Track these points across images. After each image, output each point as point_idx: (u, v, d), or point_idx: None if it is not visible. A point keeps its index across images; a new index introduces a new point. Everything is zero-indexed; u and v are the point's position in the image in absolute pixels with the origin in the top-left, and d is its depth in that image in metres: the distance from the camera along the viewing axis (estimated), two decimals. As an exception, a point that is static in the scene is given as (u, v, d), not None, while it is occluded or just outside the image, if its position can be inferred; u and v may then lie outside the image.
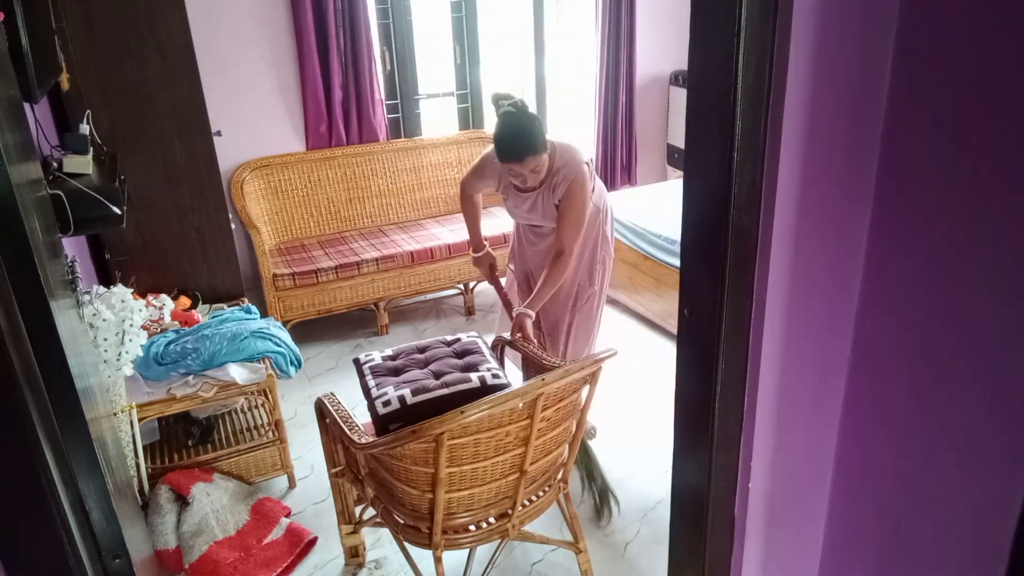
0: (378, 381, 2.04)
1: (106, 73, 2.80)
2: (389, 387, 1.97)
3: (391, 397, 1.92)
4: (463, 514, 1.92)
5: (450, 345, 2.23)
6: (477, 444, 1.76)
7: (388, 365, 2.14)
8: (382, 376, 2.08)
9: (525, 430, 1.81)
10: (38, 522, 1.02)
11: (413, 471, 1.79)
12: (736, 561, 1.38)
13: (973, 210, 0.98)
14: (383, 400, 1.93)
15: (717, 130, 1.08)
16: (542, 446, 1.91)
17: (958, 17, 0.96)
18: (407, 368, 2.11)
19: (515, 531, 2.01)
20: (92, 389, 1.39)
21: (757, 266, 1.13)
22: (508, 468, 1.88)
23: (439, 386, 1.95)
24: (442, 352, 2.19)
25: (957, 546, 1.12)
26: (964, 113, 0.97)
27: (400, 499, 1.92)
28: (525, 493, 1.97)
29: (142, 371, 2.51)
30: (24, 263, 0.98)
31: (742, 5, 0.98)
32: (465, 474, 1.81)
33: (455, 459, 1.76)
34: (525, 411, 1.77)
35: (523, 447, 1.84)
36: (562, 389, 1.83)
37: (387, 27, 4.23)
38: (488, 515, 1.97)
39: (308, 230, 4.17)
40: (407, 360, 2.16)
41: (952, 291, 1.04)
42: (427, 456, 1.73)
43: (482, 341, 2.25)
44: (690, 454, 1.37)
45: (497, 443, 1.79)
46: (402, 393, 1.92)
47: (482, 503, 1.93)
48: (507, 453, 1.83)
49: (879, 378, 1.20)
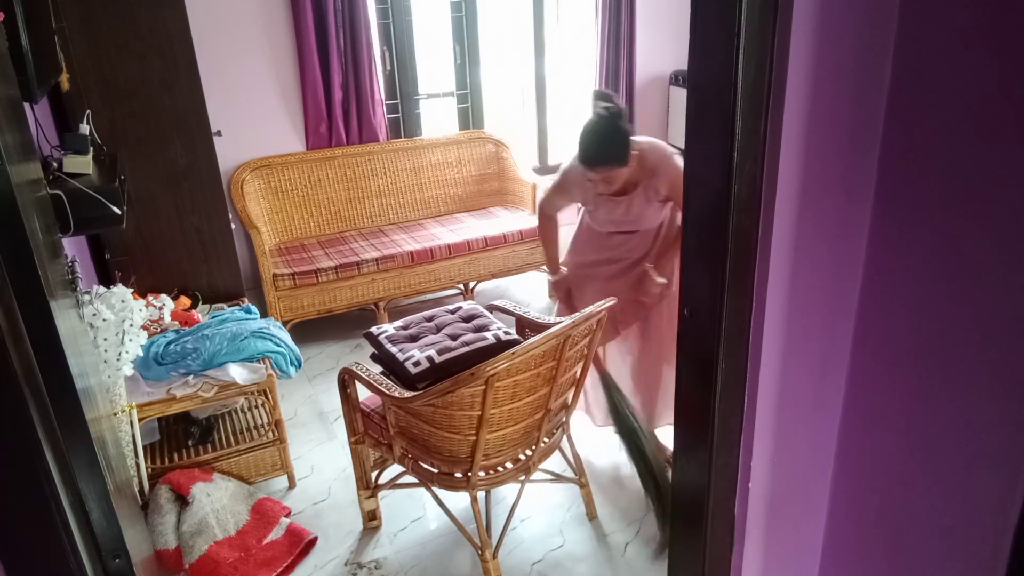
0: (400, 347, 2.20)
1: (106, 73, 2.80)
2: (414, 350, 2.13)
3: (419, 358, 2.08)
4: (496, 454, 2.13)
5: (454, 312, 2.40)
6: (515, 385, 1.98)
7: (403, 334, 2.30)
8: (402, 343, 2.23)
9: (552, 370, 2.03)
10: (38, 522, 1.02)
11: (457, 416, 1.97)
12: (736, 561, 1.38)
13: (973, 209, 0.99)
14: (412, 362, 2.08)
15: (717, 130, 1.08)
16: (561, 386, 2.13)
17: (958, 17, 0.96)
18: (423, 334, 2.28)
19: (534, 468, 2.23)
20: (92, 389, 1.39)
21: (757, 266, 1.13)
22: (535, 407, 2.10)
23: (460, 345, 2.12)
24: (450, 319, 2.36)
25: (957, 546, 1.12)
26: (964, 112, 0.97)
27: (438, 448, 2.09)
28: (545, 431, 2.21)
29: (142, 371, 2.51)
30: (24, 263, 0.98)
31: (742, 5, 0.98)
32: (504, 414, 2.03)
33: (498, 400, 1.97)
34: (554, 352, 1.98)
35: (549, 386, 2.06)
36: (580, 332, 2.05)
37: (387, 27, 4.23)
38: (515, 454, 2.18)
39: (308, 230, 4.17)
40: (419, 328, 2.33)
41: (952, 291, 1.04)
42: (474, 400, 1.92)
43: (482, 308, 2.40)
44: (690, 454, 1.37)
45: (530, 384, 2.01)
46: (429, 354, 2.09)
47: (511, 442, 2.14)
48: (536, 393, 2.05)
49: (879, 378, 1.20)
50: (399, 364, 2.11)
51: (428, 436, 2.08)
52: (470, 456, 2.05)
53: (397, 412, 2.12)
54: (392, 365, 2.16)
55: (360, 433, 2.33)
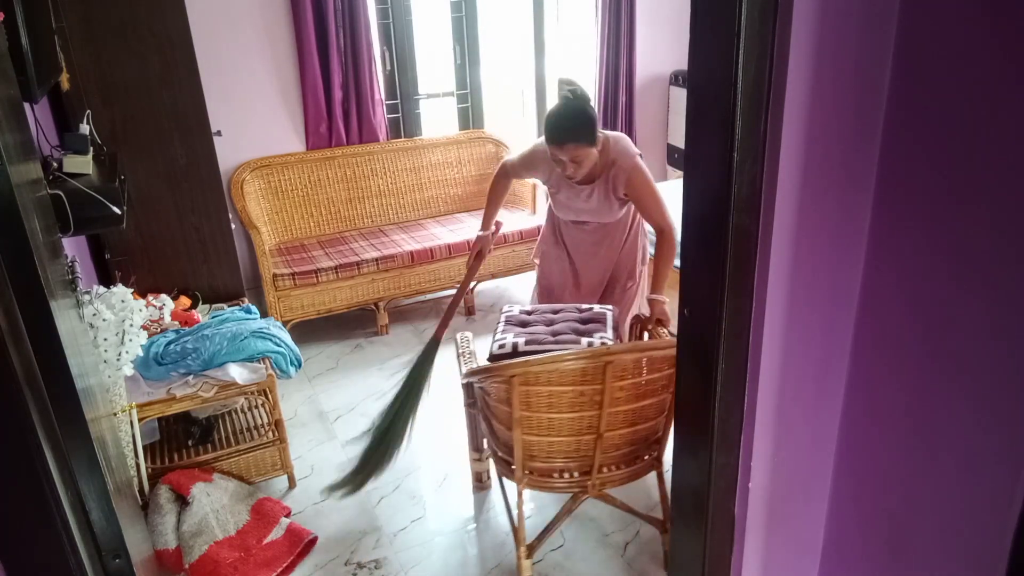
0: (505, 328, 2.33)
1: (106, 73, 2.80)
2: (510, 334, 2.26)
3: (507, 341, 2.21)
4: (543, 459, 2.12)
5: (582, 312, 2.42)
6: (551, 395, 1.96)
7: (521, 318, 2.41)
8: (511, 326, 2.34)
9: (599, 394, 1.95)
10: (38, 522, 1.02)
11: (498, 408, 2.06)
12: (736, 561, 1.38)
13: (974, 210, 0.99)
14: (500, 343, 2.22)
15: (717, 130, 1.08)
16: (621, 416, 2.03)
17: (957, 16, 0.96)
18: (535, 323, 2.36)
19: (594, 490, 2.16)
20: (92, 389, 1.39)
21: (757, 266, 1.13)
22: (584, 427, 2.03)
23: (551, 342, 2.19)
24: (570, 316, 2.39)
25: (957, 546, 1.12)
26: (964, 113, 0.97)
27: (496, 432, 2.18)
28: (606, 457, 2.12)
29: (142, 371, 2.51)
30: (24, 263, 0.98)
31: (742, 5, 0.98)
32: (541, 421, 2.02)
33: (531, 404, 1.97)
34: (597, 376, 1.90)
35: (597, 410, 1.98)
36: (634, 363, 1.95)
37: (387, 27, 4.23)
38: (570, 468, 2.14)
39: (308, 230, 4.17)
40: (538, 317, 2.41)
41: (952, 291, 1.04)
42: (507, 395, 1.95)
43: (612, 315, 2.39)
44: (690, 454, 1.38)
45: (572, 400, 1.97)
46: (516, 341, 2.20)
47: (561, 454, 2.10)
48: (581, 412, 1.99)
49: (879, 377, 1.20)
50: (493, 342, 2.24)
51: (490, 418, 2.19)
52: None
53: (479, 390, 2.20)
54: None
55: (473, 398, 2.40)
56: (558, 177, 2.48)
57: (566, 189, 2.51)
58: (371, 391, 3.37)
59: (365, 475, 2.57)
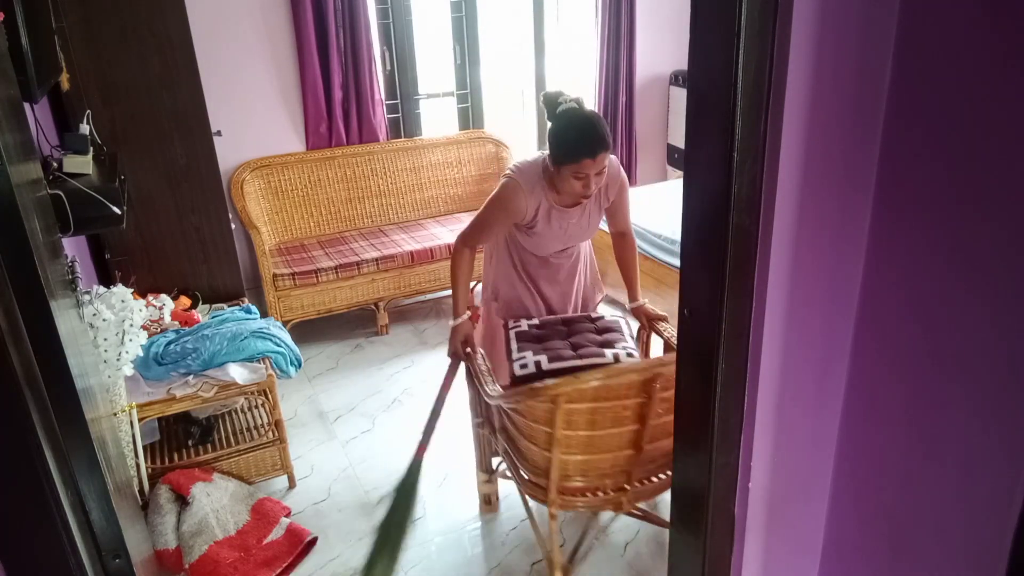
0: (520, 346, 2.18)
1: (106, 73, 2.80)
2: (528, 352, 2.12)
3: (528, 361, 2.08)
4: (578, 478, 2.02)
5: (594, 322, 2.32)
6: (594, 412, 1.87)
7: (533, 333, 2.26)
8: (525, 342, 2.21)
9: (643, 407, 1.87)
10: (38, 522, 1.02)
11: (535, 428, 1.93)
12: (736, 561, 1.38)
13: (974, 209, 0.98)
14: (521, 363, 2.08)
15: (717, 130, 1.08)
16: (662, 427, 1.95)
17: (958, 16, 0.96)
18: (549, 337, 2.23)
19: (628, 505, 2.08)
20: (92, 389, 1.39)
21: (757, 266, 1.13)
22: (625, 442, 1.95)
23: (574, 357, 2.07)
24: (584, 327, 2.28)
25: (957, 546, 1.12)
26: (965, 112, 0.97)
27: (524, 454, 2.06)
28: (643, 471, 2.05)
29: (142, 371, 2.51)
30: (24, 263, 0.98)
31: (742, 5, 0.98)
32: (581, 439, 1.92)
33: (572, 423, 1.86)
34: (643, 388, 1.83)
35: (640, 424, 1.90)
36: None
37: (387, 27, 4.23)
38: (604, 484, 2.05)
39: (308, 230, 4.17)
40: (551, 331, 2.27)
41: (953, 291, 1.04)
42: (547, 416, 1.85)
43: (625, 323, 2.30)
44: (690, 454, 1.37)
45: (615, 415, 1.88)
46: (539, 359, 2.07)
47: (598, 471, 2.02)
48: (624, 427, 1.91)
49: (880, 377, 1.20)
50: (510, 363, 2.12)
51: (517, 440, 2.06)
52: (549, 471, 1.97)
53: (497, 409, 2.11)
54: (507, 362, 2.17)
55: (483, 417, 2.32)
56: (547, 208, 2.18)
57: (557, 218, 2.20)
58: (371, 391, 3.37)
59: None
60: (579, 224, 2.26)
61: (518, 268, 2.36)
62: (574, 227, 2.26)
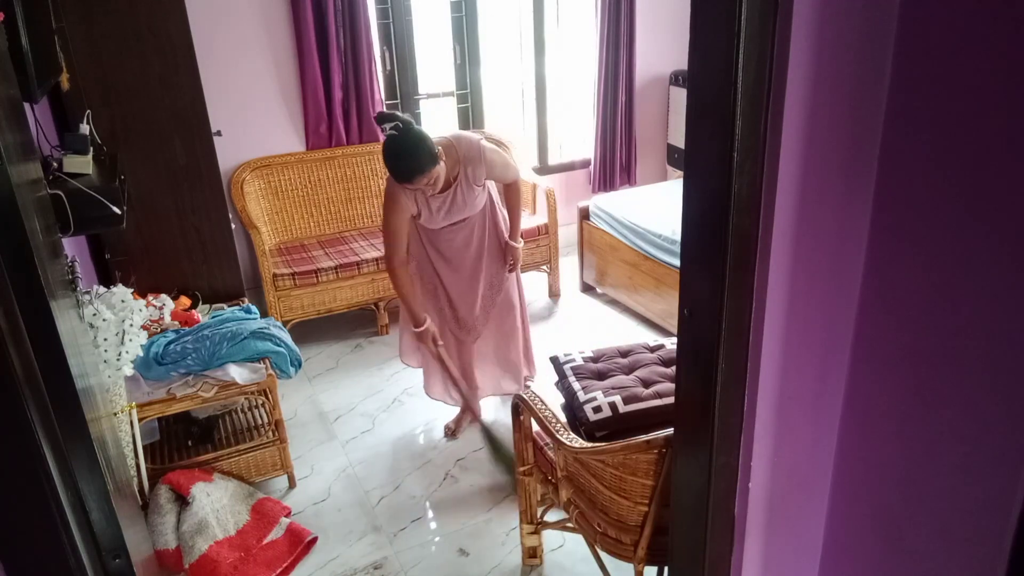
0: (584, 384, 2.00)
1: (106, 73, 2.80)
2: (598, 392, 1.93)
3: (602, 403, 1.88)
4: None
5: (654, 351, 2.16)
6: None
7: (591, 368, 2.10)
8: (587, 379, 2.02)
9: None
10: (38, 522, 1.02)
11: (629, 481, 1.74)
12: (736, 561, 1.38)
13: (974, 209, 0.99)
14: (593, 406, 1.89)
15: (717, 130, 1.08)
16: None
17: (957, 17, 0.96)
18: (611, 372, 2.06)
19: None
20: (92, 389, 1.39)
21: (757, 266, 1.13)
22: None
23: (651, 396, 1.89)
24: (647, 358, 2.12)
25: (957, 546, 1.12)
26: (964, 112, 0.97)
27: (604, 507, 1.86)
28: None
29: (142, 371, 2.51)
30: (24, 263, 0.98)
31: (742, 5, 0.98)
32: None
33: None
34: None
35: None
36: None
37: (387, 27, 4.23)
38: None
39: (308, 230, 4.17)
40: (610, 364, 2.11)
41: (952, 291, 1.04)
42: (650, 467, 1.68)
43: None
44: (690, 454, 1.38)
45: None
46: (613, 400, 1.88)
47: None
48: None
49: (879, 378, 1.20)
50: (579, 405, 1.92)
51: (596, 492, 1.87)
52: (640, 526, 1.80)
53: (567, 457, 1.93)
54: (572, 403, 1.97)
55: (530, 465, 2.14)
56: (424, 197, 2.55)
57: (435, 201, 2.56)
58: (371, 391, 3.37)
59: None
60: (456, 202, 2.59)
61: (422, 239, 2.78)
62: (454, 204, 2.60)
